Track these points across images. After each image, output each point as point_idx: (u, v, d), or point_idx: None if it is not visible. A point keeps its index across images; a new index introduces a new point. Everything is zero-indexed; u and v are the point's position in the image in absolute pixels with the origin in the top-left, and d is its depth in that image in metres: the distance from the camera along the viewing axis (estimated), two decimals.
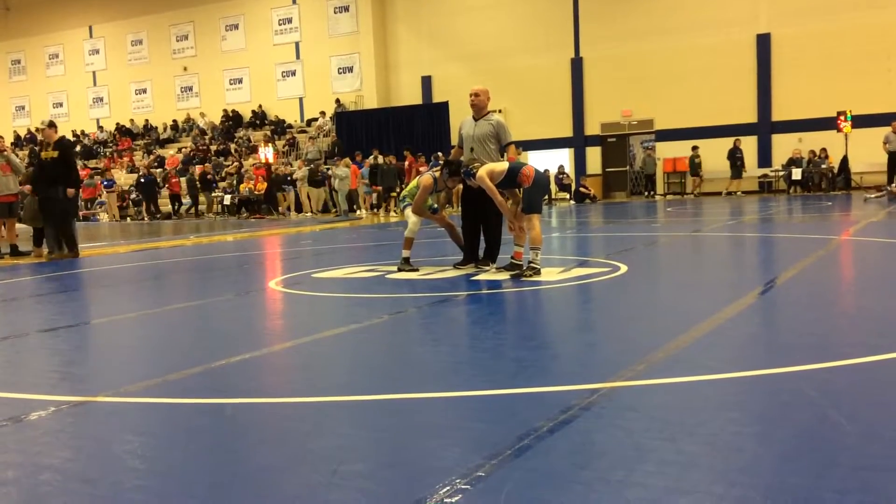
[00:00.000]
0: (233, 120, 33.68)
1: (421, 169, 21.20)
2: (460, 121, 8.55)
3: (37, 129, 37.09)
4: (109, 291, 8.52)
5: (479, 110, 8.04)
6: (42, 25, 37.77)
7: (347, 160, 24.41)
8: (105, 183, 29.43)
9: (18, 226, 13.40)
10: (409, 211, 8.41)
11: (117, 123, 36.61)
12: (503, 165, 7.57)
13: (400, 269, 8.17)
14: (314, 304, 6.82)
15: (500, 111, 28.26)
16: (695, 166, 25.52)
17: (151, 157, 32.92)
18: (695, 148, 25.40)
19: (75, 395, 3.85)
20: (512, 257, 7.76)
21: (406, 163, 23.87)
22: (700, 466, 2.59)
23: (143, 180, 28.35)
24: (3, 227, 13.08)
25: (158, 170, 30.81)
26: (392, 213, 22.87)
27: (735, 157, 24.69)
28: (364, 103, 30.69)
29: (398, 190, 23.06)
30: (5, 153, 12.66)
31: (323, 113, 30.93)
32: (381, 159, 24.63)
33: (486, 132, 7.93)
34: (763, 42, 24.99)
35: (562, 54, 27.71)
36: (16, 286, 9.25)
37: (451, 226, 8.82)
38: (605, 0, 26.89)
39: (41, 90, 38.69)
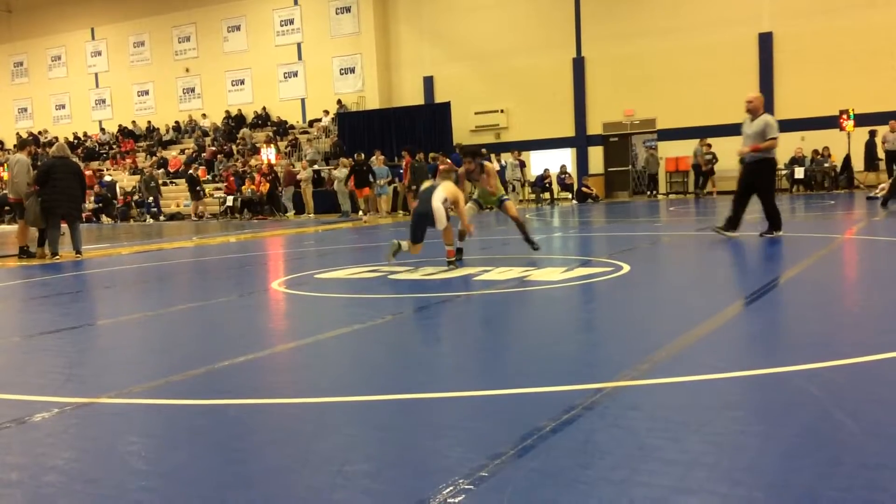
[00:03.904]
0: (235, 121, 33.70)
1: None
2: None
3: (39, 132, 37.20)
4: (113, 293, 8.53)
5: (754, 112, 10.07)
6: (44, 28, 37.80)
7: (346, 161, 24.33)
8: (101, 183, 29.48)
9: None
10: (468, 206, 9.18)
11: (119, 125, 36.64)
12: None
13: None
14: (317, 304, 6.83)
15: (502, 110, 28.46)
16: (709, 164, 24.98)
17: (154, 158, 32.94)
18: (708, 145, 24.95)
19: (79, 396, 3.85)
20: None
21: (404, 163, 23.53)
22: (704, 465, 2.59)
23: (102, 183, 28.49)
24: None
25: (160, 170, 30.86)
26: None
27: (873, 149, 22.86)
28: (366, 104, 30.67)
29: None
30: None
31: (326, 112, 30.93)
32: (373, 159, 24.49)
33: (756, 129, 9.92)
34: (765, 41, 24.94)
35: (563, 54, 27.69)
36: (20, 288, 9.26)
37: (517, 219, 9.24)
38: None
39: (44, 92, 38.72)
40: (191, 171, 28.86)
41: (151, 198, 28.15)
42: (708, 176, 24.61)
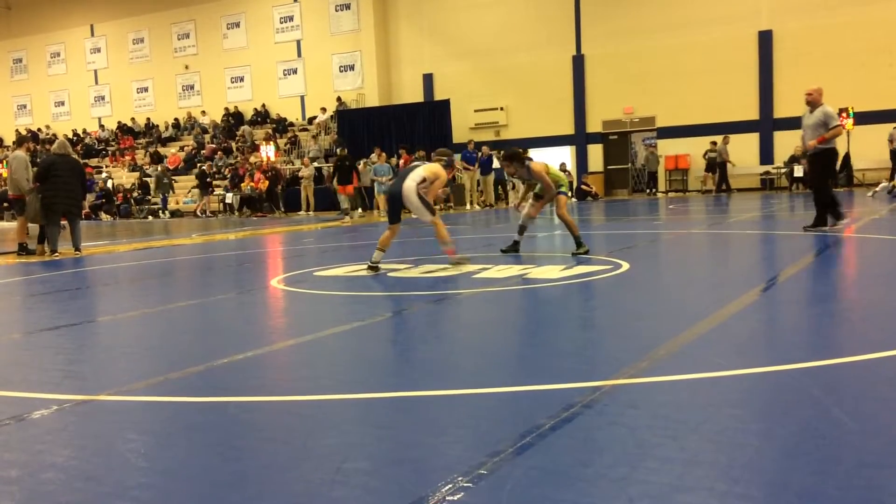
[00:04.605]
0: (234, 118, 33.69)
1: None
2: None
3: (38, 129, 37.21)
4: (112, 290, 8.53)
5: (814, 104, 10.16)
6: (44, 24, 37.78)
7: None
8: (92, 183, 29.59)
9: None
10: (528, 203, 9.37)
11: (119, 122, 36.62)
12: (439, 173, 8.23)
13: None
14: (316, 302, 6.83)
15: (501, 108, 28.44)
16: (712, 162, 25.09)
17: (150, 149, 32.85)
18: (713, 143, 25.04)
19: (78, 393, 3.85)
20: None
21: (401, 161, 23.41)
22: (702, 463, 2.59)
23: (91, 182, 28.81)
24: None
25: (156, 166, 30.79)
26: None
27: None
28: (365, 101, 30.67)
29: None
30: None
31: (324, 109, 30.90)
32: (373, 156, 24.34)
33: (816, 120, 10.05)
34: (765, 38, 24.94)
35: (563, 51, 27.68)
36: (19, 284, 9.26)
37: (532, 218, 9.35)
38: None
39: (43, 89, 38.71)
40: (204, 167, 28.87)
41: (162, 195, 28.04)
42: (723, 173, 24.56)
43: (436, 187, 8.15)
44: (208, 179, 27.99)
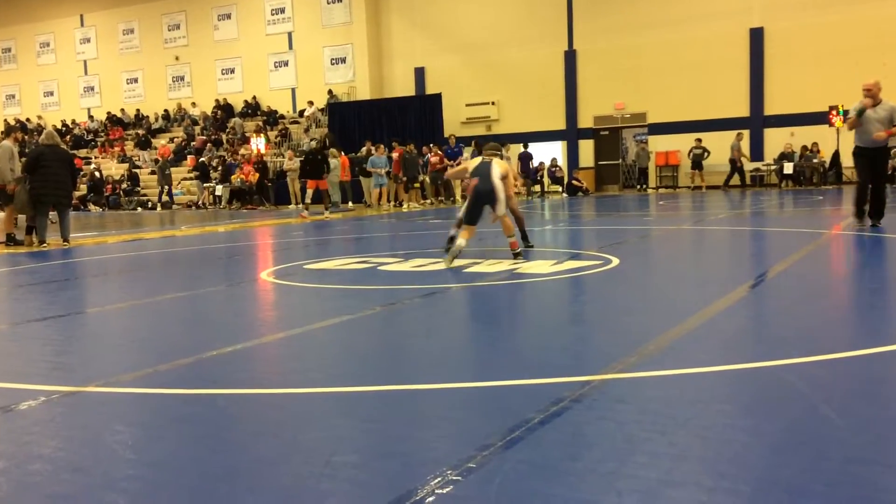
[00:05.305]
0: (224, 110, 33.53)
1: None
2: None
3: (27, 119, 36.95)
4: (100, 281, 8.49)
5: (874, 98, 10.10)
6: (33, 14, 37.47)
7: (335, 151, 24.17)
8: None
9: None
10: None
11: (108, 113, 36.39)
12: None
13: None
14: (306, 295, 6.81)
15: (493, 103, 28.43)
16: (697, 158, 25.16)
17: (139, 132, 32.64)
18: (698, 140, 25.10)
19: (66, 384, 3.83)
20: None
21: (395, 154, 23.35)
22: (691, 458, 2.60)
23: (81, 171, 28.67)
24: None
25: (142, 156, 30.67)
26: (414, 204, 22.49)
27: None
28: (357, 94, 30.57)
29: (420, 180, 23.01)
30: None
31: (310, 103, 30.78)
32: (363, 150, 24.32)
33: (883, 116, 10.05)
34: (756, 36, 25.00)
35: (555, 47, 27.67)
36: (7, 275, 9.20)
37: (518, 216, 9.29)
38: None
39: (32, 79, 38.41)
40: (203, 159, 28.69)
41: (165, 185, 27.74)
42: (735, 169, 24.49)
43: (510, 182, 8.31)
44: (208, 171, 27.84)
